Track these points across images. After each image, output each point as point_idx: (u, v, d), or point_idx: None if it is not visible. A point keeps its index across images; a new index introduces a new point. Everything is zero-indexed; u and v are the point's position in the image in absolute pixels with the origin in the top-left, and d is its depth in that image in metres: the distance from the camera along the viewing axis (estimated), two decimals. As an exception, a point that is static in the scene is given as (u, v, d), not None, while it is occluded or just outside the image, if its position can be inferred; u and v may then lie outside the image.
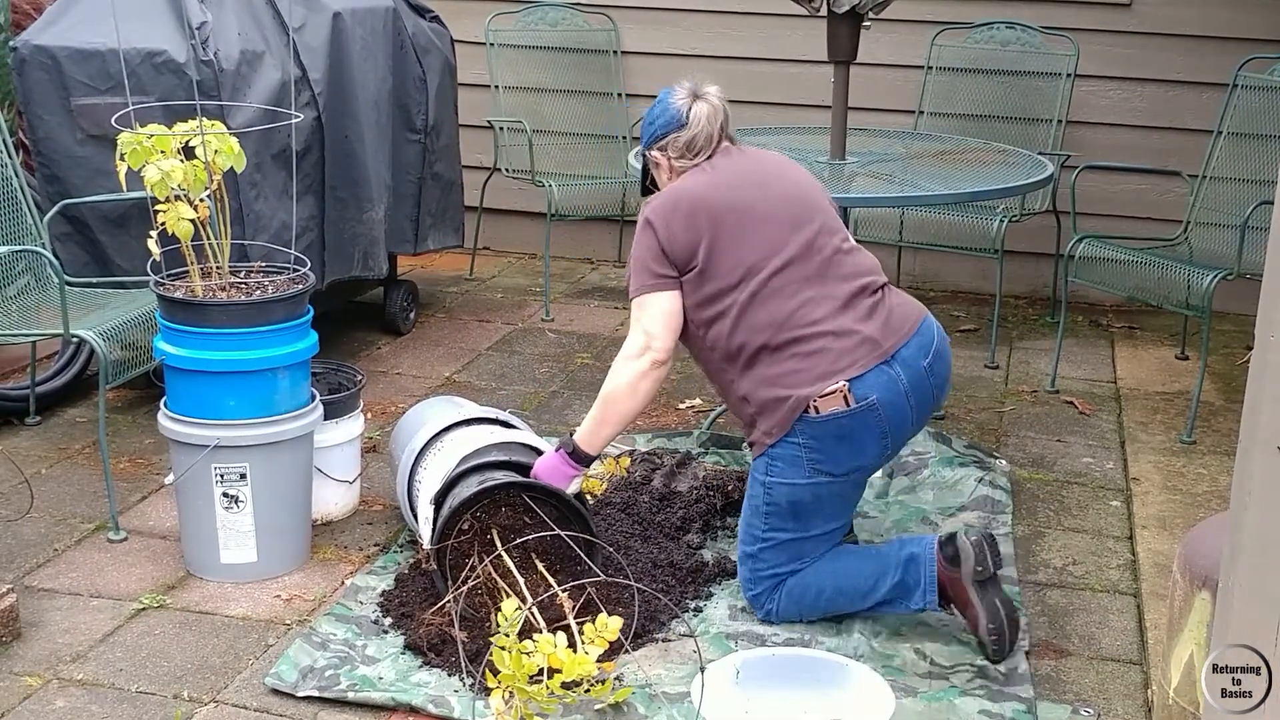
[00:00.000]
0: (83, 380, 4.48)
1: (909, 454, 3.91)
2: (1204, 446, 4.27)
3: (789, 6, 4.26)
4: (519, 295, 5.82)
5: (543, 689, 2.75)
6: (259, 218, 4.24)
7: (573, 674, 2.77)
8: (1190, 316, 4.65)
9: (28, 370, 4.34)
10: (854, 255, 3.20)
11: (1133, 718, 2.87)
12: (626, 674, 2.95)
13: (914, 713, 2.81)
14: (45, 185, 4.31)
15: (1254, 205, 4.32)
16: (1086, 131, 5.64)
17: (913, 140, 4.75)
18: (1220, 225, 4.75)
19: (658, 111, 3.27)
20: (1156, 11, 5.54)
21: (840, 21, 4.02)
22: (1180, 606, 2.36)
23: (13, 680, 2.93)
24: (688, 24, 5.99)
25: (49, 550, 3.51)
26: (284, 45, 4.29)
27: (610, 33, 6.04)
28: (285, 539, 3.41)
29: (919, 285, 6.00)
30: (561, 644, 2.80)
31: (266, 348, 3.27)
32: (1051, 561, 3.55)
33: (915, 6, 5.38)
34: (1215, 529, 2.32)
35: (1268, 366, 1.84)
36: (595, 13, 6.06)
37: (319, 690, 2.88)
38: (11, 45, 4.31)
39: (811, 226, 3.14)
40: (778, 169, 3.31)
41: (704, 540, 3.56)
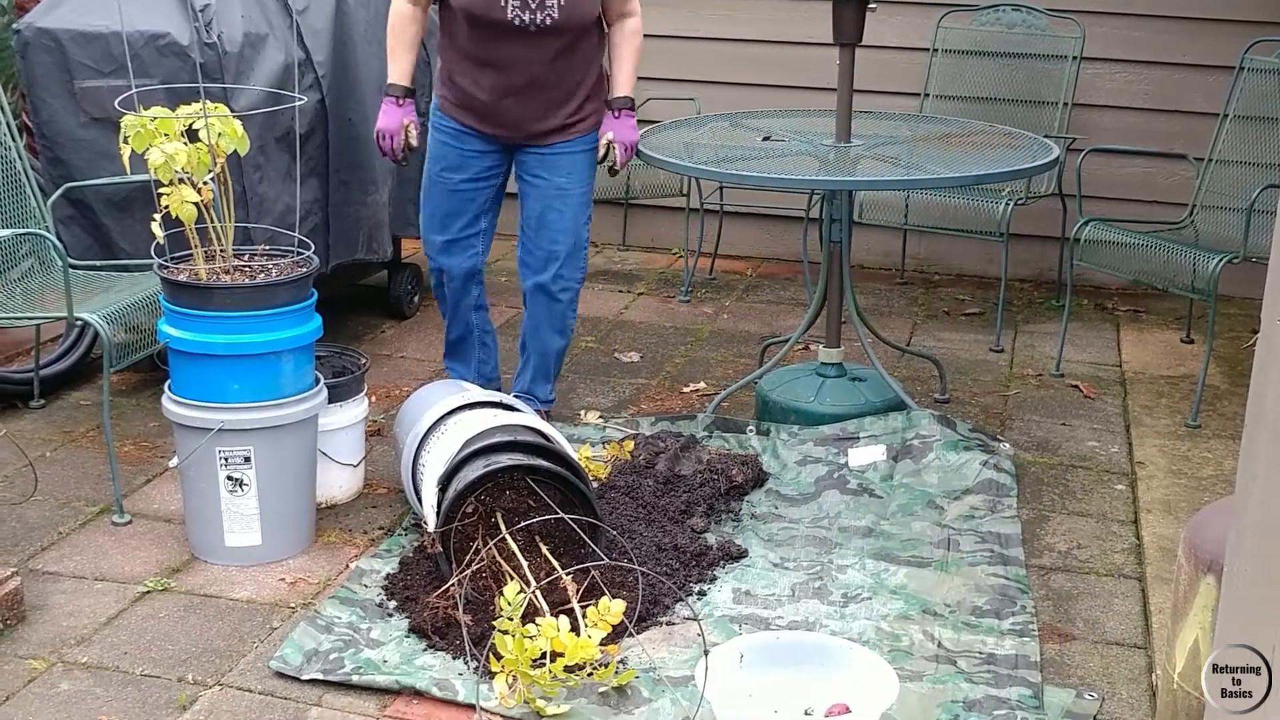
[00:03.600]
0: (87, 363, 4.48)
1: (914, 437, 3.91)
2: (1209, 430, 4.26)
3: (794, -11, 4.25)
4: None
5: (545, 673, 2.75)
6: (263, 200, 4.24)
7: (575, 658, 2.77)
8: (1196, 300, 4.64)
9: (32, 353, 4.34)
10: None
11: (1137, 702, 2.87)
12: (630, 657, 2.95)
13: (919, 695, 2.82)
14: (49, 168, 4.31)
15: (1260, 189, 4.31)
16: (1092, 114, 5.62)
17: (918, 123, 4.74)
18: (1226, 209, 4.73)
19: None
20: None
21: (845, 4, 4.01)
22: (1185, 591, 2.36)
23: (17, 663, 2.94)
24: (695, 7, 5.97)
25: (53, 533, 3.52)
26: (287, 28, 4.28)
27: (615, 15, 6.02)
28: (290, 522, 3.41)
29: (924, 269, 6.00)
30: (564, 628, 2.80)
31: (271, 331, 3.27)
32: (1056, 545, 3.55)
33: (921, -11, 5.37)
34: (1220, 513, 2.31)
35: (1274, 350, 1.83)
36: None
37: (323, 673, 2.88)
38: (15, 28, 4.30)
39: None
40: None
41: (708, 524, 3.56)
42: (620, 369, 4.81)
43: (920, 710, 2.78)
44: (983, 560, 3.41)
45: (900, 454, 3.90)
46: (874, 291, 5.70)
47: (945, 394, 4.54)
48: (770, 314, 5.43)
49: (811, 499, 3.76)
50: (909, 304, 5.60)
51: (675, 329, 5.23)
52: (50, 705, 2.79)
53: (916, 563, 3.40)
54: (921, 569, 3.37)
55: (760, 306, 5.53)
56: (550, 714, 2.74)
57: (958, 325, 5.33)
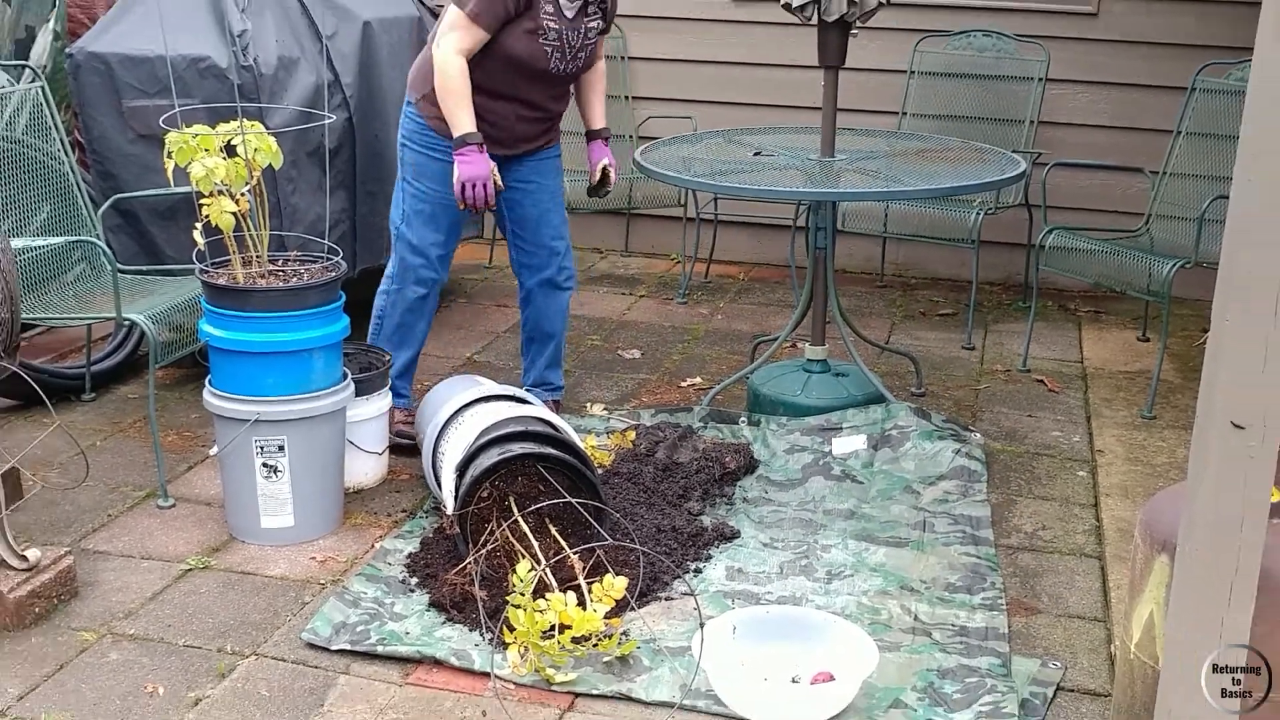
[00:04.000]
0: (134, 360, 4.48)
1: (893, 428, 3.91)
2: (1163, 421, 4.26)
3: (783, 16, 4.24)
4: (534, 282, 5.81)
5: (554, 644, 2.76)
6: (295, 210, 4.24)
7: (582, 630, 2.77)
8: (1151, 302, 4.63)
9: (84, 351, 4.34)
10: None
11: (1097, 671, 2.88)
12: (633, 629, 2.95)
13: (897, 665, 2.82)
14: (99, 181, 4.31)
15: (1210, 199, 4.30)
16: (1056, 131, 5.61)
17: (896, 140, 4.73)
18: (1179, 218, 4.72)
19: None
20: (1121, 21, 5.51)
21: (830, 30, 4.00)
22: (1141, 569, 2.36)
23: (71, 635, 2.94)
24: (689, 32, 5.96)
25: (103, 516, 3.52)
26: (318, 52, 4.27)
27: (618, 39, 6.01)
28: (320, 505, 3.41)
29: (902, 273, 5.99)
30: (572, 602, 2.81)
31: (302, 330, 3.27)
32: (1023, 527, 3.55)
33: (899, 16, 5.35)
34: (1174, 498, 2.31)
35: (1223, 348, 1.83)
36: (604, 22, 6.03)
37: (351, 644, 2.88)
38: (68, 52, 4.30)
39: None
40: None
41: (703, 508, 3.56)
42: (623, 365, 4.80)
43: (898, 678, 2.78)
44: (955, 541, 3.41)
45: (880, 443, 3.89)
46: (856, 294, 5.69)
47: (921, 388, 4.54)
48: (760, 314, 5.43)
49: (798, 484, 3.75)
50: (888, 305, 5.59)
51: (673, 328, 5.23)
52: (101, 673, 2.80)
53: (895, 543, 3.40)
54: (899, 548, 3.37)
55: (751, 308, 5.53)
56: (559, 681, 2.75)
57: (933, 325, 5.32)
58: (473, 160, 3.54)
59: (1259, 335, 1.80)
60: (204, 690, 2.75)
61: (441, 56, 3.54)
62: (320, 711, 2.68)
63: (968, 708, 2.67)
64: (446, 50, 3.54)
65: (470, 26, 3.51)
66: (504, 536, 3.08)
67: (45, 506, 3.54)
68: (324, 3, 4.39)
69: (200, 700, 2.71)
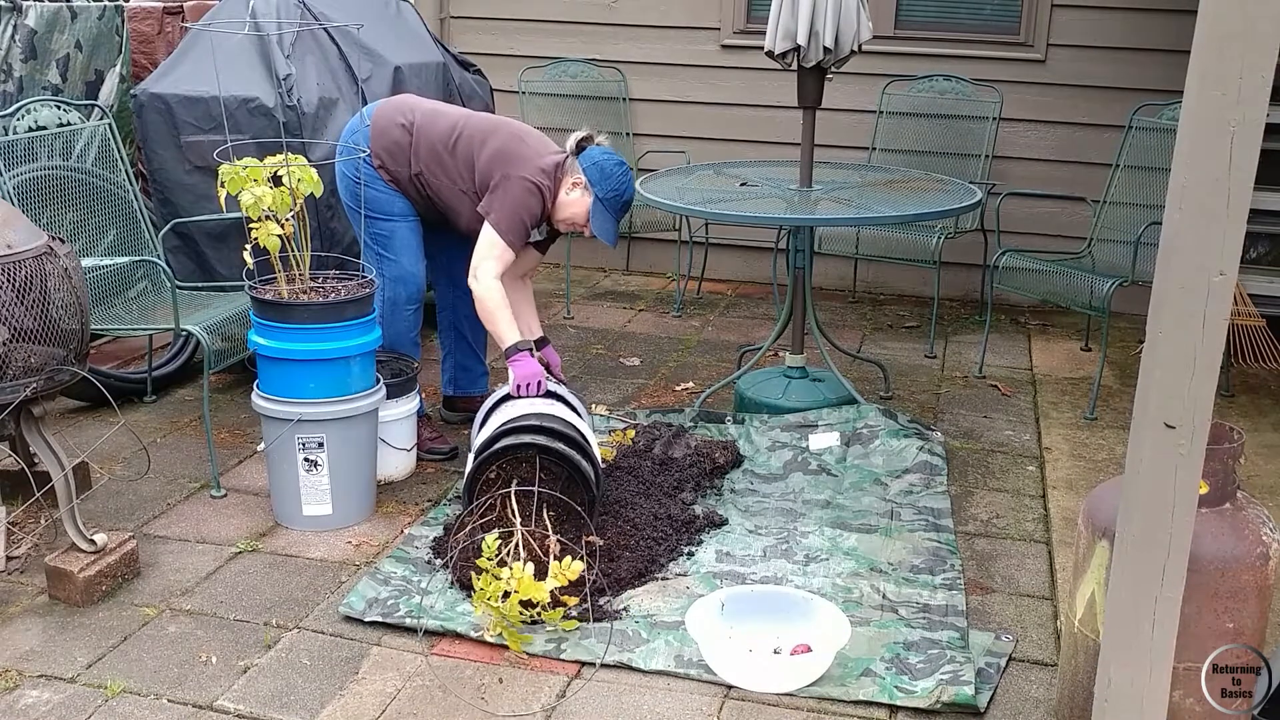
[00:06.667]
0: (190, 366, 4.48)
1: (863, 426, 3.91)
2: (1104, 422, 4.26)
3: (766, 62, 4.25)
4: (545, 298, 5.80)
5: (512, 605, 2.74)
6: (334, 234, 4.24)
7: (526, 595, 2.75)
8: (1093, 316, 4.63)
9: (145, 358, 4.34)
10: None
11: (1045, 643, 2.87)
12: (631, 606, 2.95)
13: (867, 638, 2.81)
14: (159, 207, 4.31)
15: (1145, 225, 4.31)
16: (1009, 165, 5.62)
17: (867, 171, 4.73)
18: (1118, 242, 4.73)
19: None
20: (1066, 66, 5.52)
21: (808, 75, 4.01)
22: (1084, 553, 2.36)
23: (134, 610, 2.94)
24: (683, 76, 5.97)
25: (163, 504, 3.52)
26: (355, 93, 4.28)
27: (620, 83, 6.03)
28: (355, 496, 3.41)
29: (872, 290, 5.99)
30: (530, 573, 2.79)
31: (340, 340, 3.27)
32: (979, 515, 3.55)
33: (869, 62, 5.36)
34: (1113, 489, 2.31)
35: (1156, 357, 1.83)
36: (608, 67, 6.04)
37: (382, 617, 2.88)
38: (132, 93, 4.30)
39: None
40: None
41: (695, 498, 3.56)
42: (624, 371, 4.80)
43: (868, 650, 2.78)
44: (919, 528, 3.41)
45: (852, 440, 3.89)
46: (831, 308, 5.69)
47: (889, 392, 4.54)
48: (746, 326, 5.43)
49: (780, 478, 3.75)
50: (859, 319, 5.59)
51: (669, 339, 5.23)
52: (160, 644, 2.80)
53: (865, 529, 3.40)
54: (869, 534, 3.37)
55: (738, 320, 5.53)
56: (567, 653, 2.74)
57: (899, 336, 5.32)
58: (525, 363, 3.46)
59: (1188, 345, 1.81)
60: (252, 659, 2.75)
61: (483, 287, 3.46)
62: (356, 678, 2.68)
63: (930, 676, 2.67)
64: (486, 279, 3.46)
65: (506, 251, 3.50)
66: (497, 512, 3.08)
67: (111, 496, 3.54)
68: (360, 50, 4.39)
69: (249, 668, 2.71)
